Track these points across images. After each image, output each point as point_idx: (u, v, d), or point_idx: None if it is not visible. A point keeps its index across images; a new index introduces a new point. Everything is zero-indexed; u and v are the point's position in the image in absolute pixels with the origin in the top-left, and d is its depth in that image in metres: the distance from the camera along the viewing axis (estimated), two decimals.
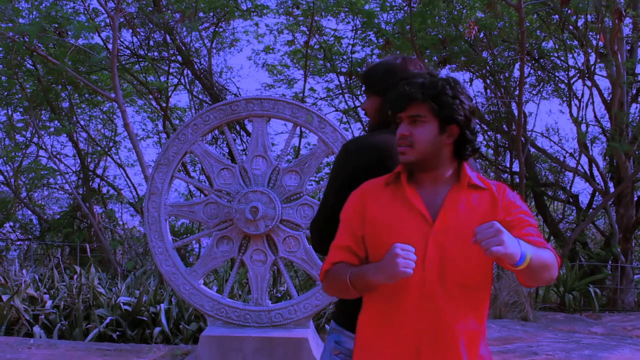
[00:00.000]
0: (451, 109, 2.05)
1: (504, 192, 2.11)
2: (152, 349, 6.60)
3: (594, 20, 11.47)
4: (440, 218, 2.04)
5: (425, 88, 2.05)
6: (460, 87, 2.09)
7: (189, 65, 13.31)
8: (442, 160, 2.09)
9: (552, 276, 1.99)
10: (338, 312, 2.50)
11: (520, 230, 2.01)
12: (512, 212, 2.05)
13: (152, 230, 5.58)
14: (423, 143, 2.06)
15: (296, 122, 5.49)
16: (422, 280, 2.02)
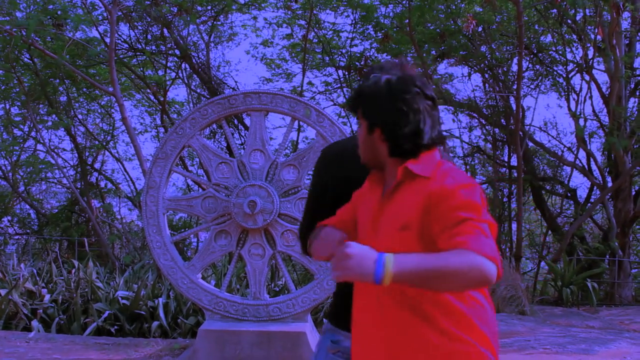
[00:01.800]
0: (371, 111, 2.11)
1: (441, 182, 1.97)
2: (150, 343, 6.60)
3: (592, 14, 11.47)
4: (377, 214, 2.12)
5: (357, 92, 2.15)
6: (398, 87, 2.07)
7: (187, 59, 13.29)
8: (383, 158, 2.13)
9: (469, 283, 1.80)
10: (332, 312, 2.53)
11: (445, 229, 1.88)
12: (441, 207, 1.92)
13: (150, 224, 5.57)
14: (361, 144, 2.17)
15: (294, 116, 5.48)
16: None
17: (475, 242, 1.82)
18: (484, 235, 1.85)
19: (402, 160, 2.07)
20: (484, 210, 1.93)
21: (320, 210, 2.46)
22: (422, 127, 2.03)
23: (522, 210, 12.60)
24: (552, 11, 11.99)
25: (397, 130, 2.04)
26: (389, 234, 2.04)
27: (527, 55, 12.92)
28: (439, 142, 2.09)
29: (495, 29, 12.40)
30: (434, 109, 2.08)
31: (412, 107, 2.03)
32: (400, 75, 2.08)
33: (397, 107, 2.04)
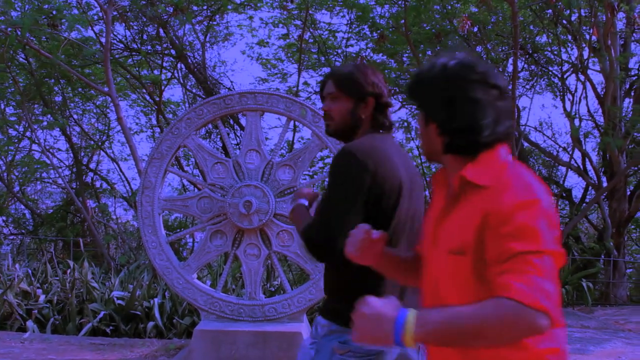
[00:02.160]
0: (425, 101, 1.90)
1: (499, 198, 1.71)
2: (146, 343, 6.59)
3: (587, 14, 11.49)
4: (437, 227, 1.95)
5: (413, 79, 1.95)
6: (454, 74, 1.82)
7: (182, 59, 13.27)
8: (441, 154, 1.91)
9: (510, 338, 1.55)
10: (340, 312, 2.36)
11: (495, 263, 1.63)
12: (495, 233, 1.66)
13: (146, 224, 5.56)
14: (420, 136, 1.98)
15: (290, 116, 5.48)
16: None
17: (521, 287, 1.54)
18: (536, 274, 1.55)
19: (459, 158, 1.81)
20: (547, 237, 1.62)
21: (374, 216, 2.32)
22: (481, 121, 1.75)
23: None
24: (547, 11, 12.01)
25: (452, 124, 1.78)
26: (442, 257, 1.80)
27: (522, 55, 12.94)
28: (504, 139, 1.81)
29: (491, 29, 12.42)
30: (500, 100, 1.79)
31: (469, 97, 1.76)
32: (459, 60, 1.82)
33: (453, 97, 1.78)
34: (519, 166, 1.77)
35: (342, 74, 2.58)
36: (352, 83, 2.55)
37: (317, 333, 2.47)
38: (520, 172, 1.74)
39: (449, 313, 1.57)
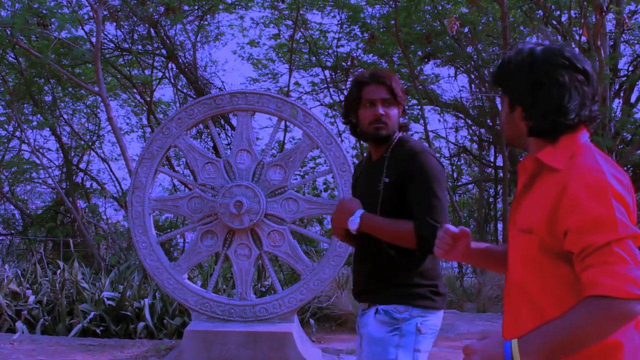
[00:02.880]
0: (512, 86, 1.93)
1: (567, 182, 1.74)
2: (136, 344, 6.57)
3: (577, 15, 11.54)
4: (515, 208, 2.04)
5: (500, 65, 2.00)
6: (542, 59, 1.86)
7: (173, 59, 13.24)
8: (525, 139, 1.94)
9: (609, 332, 1.63)
10: (417, 296, 2.65)
11: (575, 257, 1.69)
12: (565, 222, 1.71)
13: (136, 224, 5.55)
14: (504, 122, 2.00)
15: (281, 116, 5.48)
16: None
17: (606, 281, 1.59)
18: (620, 262, 1.60)
19: (541, 142, 1.85)
20: (622, 221, 1.65)
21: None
22: (566, 104, 1.78)
23: (507, 210, 12.65)
24: (537, 12, 12.05)
25: (538, 107, 1.82)
26: (515, 234, 1.88)
27: None
28: (589, 121, 1.84)
29: (481, 29, 12.46)
30: (586, 85, 1.81)
31: (556, 81, 1.79)
32: (546, 46, 1.86)
33: (539, 82, 1.81)
34: (593, 150, 1.80)
35: (395, 81, 2.79)
36: (401, 90, 2.81)
37: (392, 320, 2.63)
38: (592, 156, 1.76)
39: (547, 331, 1.63)
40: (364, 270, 2.77)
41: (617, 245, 1.62)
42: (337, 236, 2.87)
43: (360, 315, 2.79)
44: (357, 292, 2.83)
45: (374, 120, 2.74)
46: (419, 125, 13.99)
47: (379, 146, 2.79)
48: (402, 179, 2.66)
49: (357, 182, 2.93)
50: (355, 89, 2.80)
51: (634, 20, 12.38)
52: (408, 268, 2.68)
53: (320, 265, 5.39)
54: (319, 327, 7.84)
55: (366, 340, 2.67)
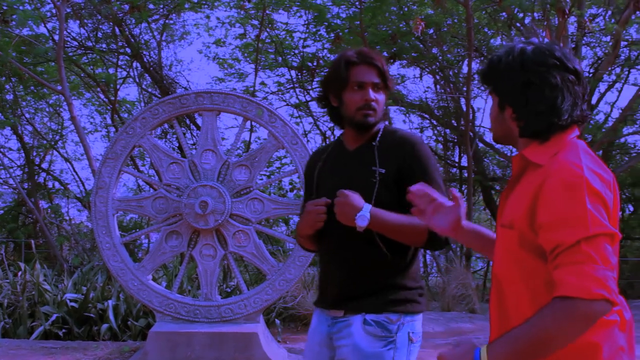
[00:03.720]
0: (502, 86, 1.93)
1: (546, 178, 1.75)
2: (100, 346, 6.50)
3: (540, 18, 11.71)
4: (503, 204, 2.05)
5: (488, 64, 1.98)
6: (533, 59, 1.86)
7: (138, 58, 13.12)
8: (515, 139, 1.95)
9: (578, 333, 1.64)
10: (407, 302, 2.45)
11: (548, 253, 1.70)
12: (539, 218, 1.73)
13: (100, 225, 5.49)
14: (492, 121, 2.00)
15: (246, 116, 5.47)
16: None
17: (572, 281, 1.60)
18: (588, 261, 1.60)
19: (531, 141, 1.85)
20: (596, 218, 1.64)
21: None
22: (559, 105, 1.78)
23: (472, 210, 12.80)
24: (501, 14, 12.20)
25: (530, 109, 1.80)
26: (499, 230, 1.89)
27: (477, 57, 13.12)
28: (581, 121, 1.84)
29: (446, 31, 12.57)
30: (577, 84, 1.81)
31: (547, 82, 1.78)
32: (537, 45, 1.84)
33: (530, 82, 1.80)
34: (578, 146, 1.79)
35: (385, 63, 2.55)
36: (389, 74, 2.58)
37: (386, 332, 2.40)
38: (575, 152, 1.76)
39: (513, 336, 1.65)
40: (343, 275, 2.47)
41: (586, 243, 1.62)
42: (302, 238, 2.60)
43: (330, 325, 2.50)
44: (334, 300, 2.49)
45: (364, 105, 2.47)
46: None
47: (361, 134, 2.54)
48: (403, 170, 2.44)
49: (321, 173, 2.61)
50: (342, 68, 2.49)
51: (595, 23, 12.61)
52: (400, 270, 2.47)
53: (285, 265, 5.39)
54: (284, 327, 7.84)
55: (352, 354, 2.39)
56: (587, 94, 1.87)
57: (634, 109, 13.02)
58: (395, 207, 2.40)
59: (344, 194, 2.36)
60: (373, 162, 2.48)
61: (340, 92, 2.52)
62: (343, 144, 2.62)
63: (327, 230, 2.46)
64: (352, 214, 2.33)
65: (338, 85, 2.51)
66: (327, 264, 2.56)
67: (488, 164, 15.74)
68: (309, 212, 2.46)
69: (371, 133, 2.54)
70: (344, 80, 2.49)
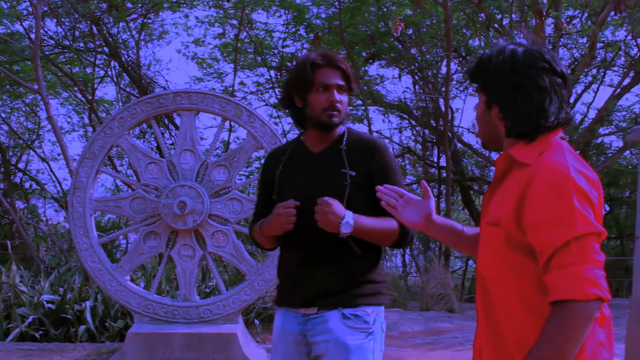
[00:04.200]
0: (491, 85, 1.95)
1: (533, 178, 1.78)
2: (77, 347, 6.45)
3: (518, 19, 11.80)
4: (487, 202, 2.08)
5: (477, 62, 2.00)
6: (523, 61, 1.88)
7: (116, 57, 13.03)
8: (500, 138, 1.98)
9: (582, 335, 1.68)
10: (379, 294, 2.58)
11: (538, 256, 1.74)
12: (526, 219, 1.77)
13: (77, 225, 5.44)
14: (478, 120, 2.03)
15: (225, 116, 5.45)
16: None
17: (564, 284, 1.65)
18: (578, 262, 1.65)
19: (517, 142, 1.88)
20: (583, 217, 1.68)
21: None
22: (547, 108, 1.81)
23: (450, 210, 12.87)
24: (480, 15, 12.28)
25: (517, 110, 1.84)
26: (484, 228, 1.92)
27: (455, 58, 13.20)
28: (566, 123, 1.88)
29: (425, 31, 12.63)
30: (563, 87, 1.85)
31: (537, 85, 1.81)
32: (527, 48, 1.86)
33: (520, 84, 1.82)
34: (563, 146, 1.83)
35: (348, 66, 2.62)
36: (353, 77, 2.65)
37: (365, 324, 2.51)
38: (560, 152, 1.80)
39: (536, 350, 1.67)
40: (316, 273, 2.51)
41: (576, 243, 1.66)
42: (266, 238, 2.64)
43: (302, 322, 2.55)
44: (306, 298, 2.53)
45: (329, 106, 2.53)
46: (363, 125, 14.10)
47: (325, 136, 2.60)
48: (373, 174, 2.53)
49: (283, 175, 2.64)
50: (307, 70, 2.54)
51: (572, 25, 12.73)
52: (369, 265, 2.56)
53: (264, 265, 5.38)
54: (263, 327, 7.82)
55: (334, 349, 2.47)
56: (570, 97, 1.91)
57: (609, 110, 13.17)
58: (365, 209, 2.49)
59: (326, 203, 2.41)
60: (342, 165, 2.54)
61: (305, 93, 2.56)
62: (305, 145, 2.65)
63: (296, 230, 2.50)
64: (336, 221, 2.40)
65: (303, 87, 2.56)
66: (297, 264, 2.59)
67: (467, 164, 15.84)
68: (279, 214, 2.49)
69: (335, 135, 2.61)
70: (310, 82, 2.54)
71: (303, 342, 2.56)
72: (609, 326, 1.83)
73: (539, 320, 1.74)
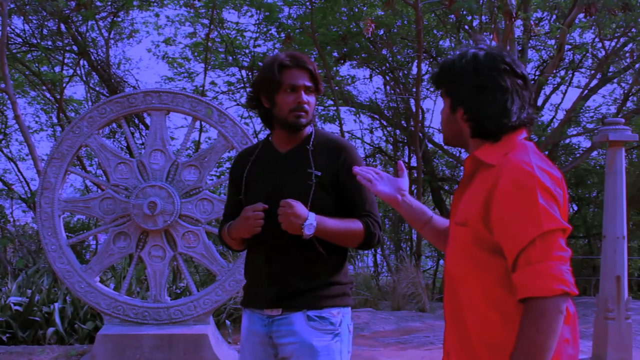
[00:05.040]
0: (455, 88, 2.01)
1: (498, 178, 1.82)
2: (45, 350, 6.37)
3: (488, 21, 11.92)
4: (456, 203, 2.12)
5: (441, 67, 2.06)
6: (485, 63, 1.95)
7: (85, 56, 12.88)
8: (466, 139, 2.02)
9: (556, 330, 1.72)
10: (344, 295, 2.58)
11: (507, 255, 1.78)
12: (494, 217, 1.81)
13: (45, 226, 5.38)
14: (443, 122, 2.07)
15: (196, 116, 5.43)
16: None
17: (531, 282, 1.70)
18: (544, 259, 1.70)
19: (482, 142, 1.93)
20: (548, 214, 1.73)
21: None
22: (510, 107, 1.88)
23: None
24: (450, 17, 12.38)
25: (481, 110, 1.89)
26: (453, 228, 1.96)
27: (426, 58, 13.28)
28: (528, 123, 1.94)
29: (396, 32, 12.68)
30: (524, 89, 1.92)
31: (499, 86, 1.88)
32: (488, 51, 1.93)
33: (483, 86, 1.89)
34: (527, 146, 1.88)
35: (315, 67, 2.63)
36: (320, 78, 2.67)
37: (331, 326, 2.52)
38: (525, 152, 1.84)
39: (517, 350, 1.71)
40: (281, 275, 2.52)
41: (541, 240, 1.71)
42: (234, 240, 2.65)
43: (267, 324, 2.55)
44: (271, 300, 2.53)
45: (296, 107, 2.54)
46: (335, 125, 14.12)
47: (292, 136, 2.61)
48: (340, 175, 2.54)
49: (250, 175, 2.65)
50: (275, 71, 2.55)
51: (541, 26, 12.89)
52: (334, 267, 2.56)
53: (236, 266, 5.36)
54: (235, 328, 7.79)
55: (300, 351, 2.47)
56: (533, 98, 1.95)
57: (577, 111, 13.36)
58: (330, 209, 2.51)
59: (288, 204, 2.41)
60: (308, 165, 2.55)
61: (273, 94, 2.57)
62: (273, 145, 2.67)
63: (262, 231, 2.51)
64: (299, 223, 2.39)
65: (271, 88, 2.56)
66: (262, 265, 2.59)
67: (437, 164, 15.94)
68: (247, 217, 2.50)
69: (302, 135, 2.62)
70: (277, 82, 2.55)
71: (269, 344, 2.56)
72: (574, 323, 1.87)
73: (503, 317, 1.78)
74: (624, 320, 5.72)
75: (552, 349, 1.70)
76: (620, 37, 11.50)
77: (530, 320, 1.69)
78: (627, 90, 13.73)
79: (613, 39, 11.52)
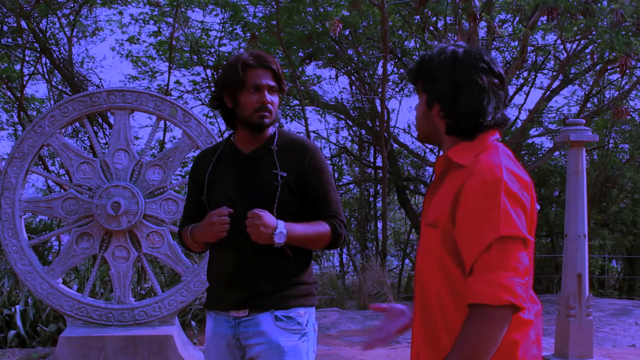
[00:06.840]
0: (432, 84, 1.98)
1: (468, 178, 1.81)
2: (7, 353, 6.26)
3: (452, 22, 12.03)
4: (427, 203, 2.10)
5: (418, 62, 2.03)
6: (464, 61, 1.92)
7: (46, 54, 12.68)
8: (440, 136, 1.99)
9: (499, 336, 1.71)
10: (310, 295, 2.58)
11: (465, 256, 1.78)
12: (459, 217, 1.81)
13: (6, 227, 5.29)
14: (418, 119, 2.03)
15: (160, 115, 5.38)
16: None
17: (480, 289, 1.68)
18: (497, 269, 1.68)
19: (457, 140, 1.91)
20: (509, 219, 1.70)
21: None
22: (486, 106, 1.86)
23: (387, 210, 13.03)
24: (415, 17, 12.47)
25: (458, 108, 1.87)
26: (423, 229, 1.94)
27: (391, 59, 13.36)
28: (503, 124, 1.93)
29: (362, 32, 12.74)
30: (500, 88, 1.90)
31: (476, 84, 1.86)
32: (467, 49, 1.91)
33: (460, 83, 1.87)
34: (499, 148, 1.87)
35: (279, 67, 2.60)
36: (284, 78, 2.65)
37: (298, 325, 2.52)
38: (496, 153, 1.83)
39: (455, 350, 1.70)
40: (247, 276, 2.50)
41: (497, 246, 1.69)
42: (197, 244, 2.63)
43: (234, 326, 2.53)
44: (237, 301, 2.51)
45: (260, 107, 2.51)
46: (300, 125, 14.13)
47: (255, 136, 2.58)
48: (305, 176, 2.53)
49: (213, 176, 2.61)
50: (238, 70, 2.51)
51: (504, 28, 13.05)
52: (300, 267, 2.56)
53: (201, 266, 5.33)
54: (200, 329, 7.75)
55: (269, 351, 2.47)
56: (507, 99, 1.95)
57: (540, 112, 13.55)
58: (296, 209, 2.51)
59: (256, 215, 2.38)
60: (273, 166, 2.53)
61: (236, 93, 2.54)
62: (235, 146, 2.64)
63: (227, 235, 2.48)
64: (269, 233, 2.37)
65: (234, 87, 2.53)
66: (228, 267, 2.55)
67: (403, 164, 16.04)
68: (213, 222, 2.46)
69: (265, 136, 2.60)
70: (241, 82, 2.52)
71: (236, 346, 2.54)
72: (538, 322, 1.89)
73: None
74: (585, 317, 5.83)
75: (489, 356, 1.69)
76: (581, 39, 11.69)
77: (473, 324, 1.68)
78: (588, 92, 13.98)
79: (574, 41, 11.71)
